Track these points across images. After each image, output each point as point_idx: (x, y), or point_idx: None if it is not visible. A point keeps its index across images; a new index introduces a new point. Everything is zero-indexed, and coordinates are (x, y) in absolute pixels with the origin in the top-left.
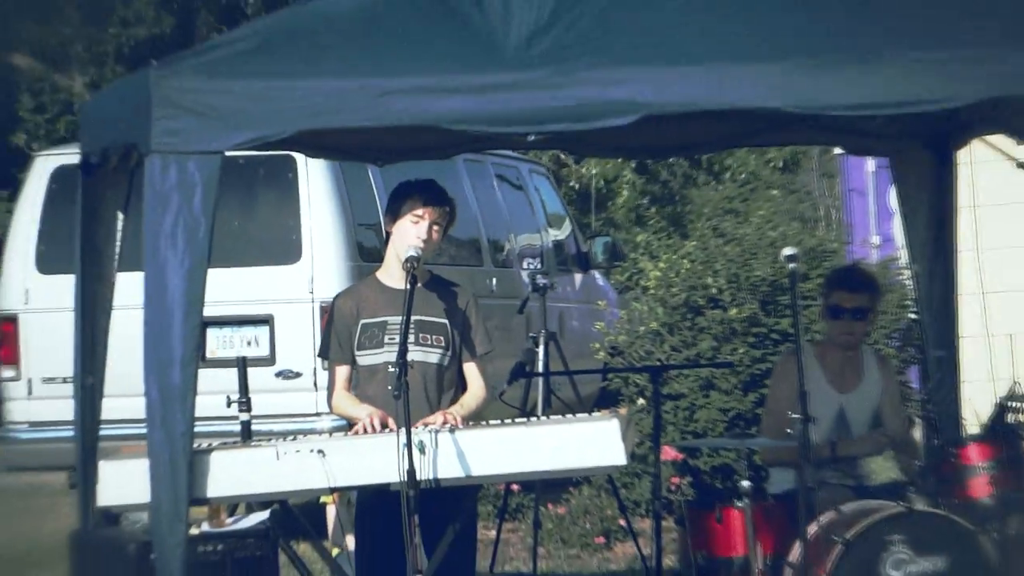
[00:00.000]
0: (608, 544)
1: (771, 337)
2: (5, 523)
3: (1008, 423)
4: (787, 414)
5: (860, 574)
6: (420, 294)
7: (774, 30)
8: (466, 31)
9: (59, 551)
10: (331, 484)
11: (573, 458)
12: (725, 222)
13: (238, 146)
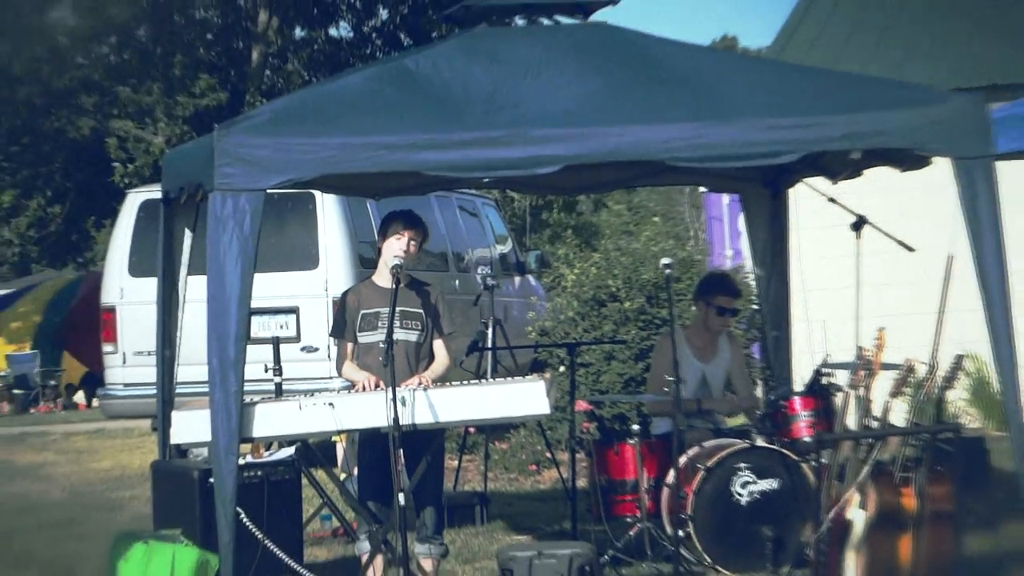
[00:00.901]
0: (538, 470)
1: (654, 322)
2: (108, 455)
3: (822, 384)
4: (664, 378)
5: (716, 491)
6: (403, 291)
7: (658, 103)
8: (437, 105)
9: (145, 475)
10: (339, 427)
11: (512, 408)
12: (621, 240)
13: (275, 186)
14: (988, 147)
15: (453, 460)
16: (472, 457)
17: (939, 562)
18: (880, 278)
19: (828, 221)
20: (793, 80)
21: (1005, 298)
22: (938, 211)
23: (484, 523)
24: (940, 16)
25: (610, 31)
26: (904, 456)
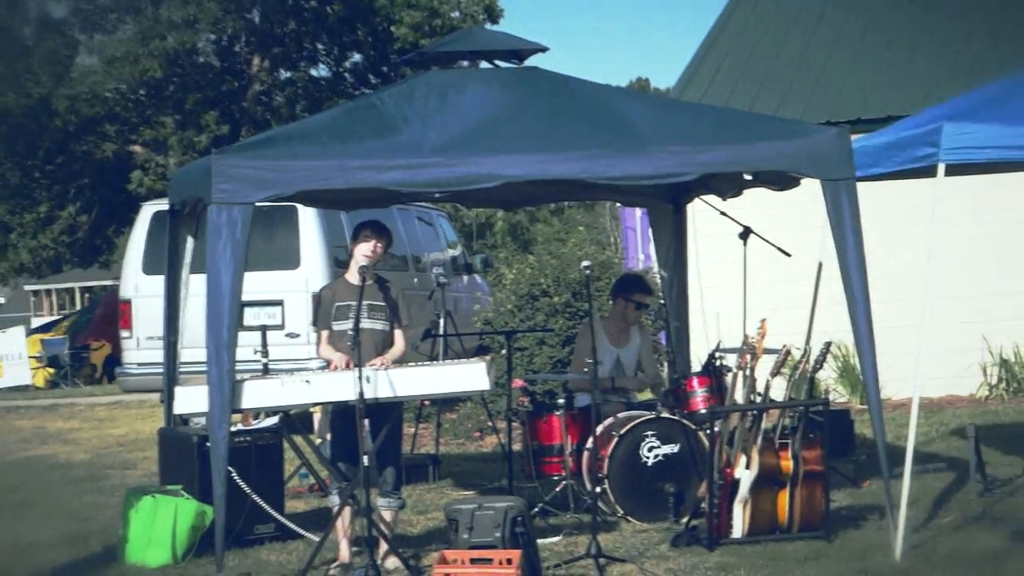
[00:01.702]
0: (482, 437)
1: (578, 314)
2: (124, 423)
3: (715, 365)
4: (585, 360)
5: (627, 455)
6: (370, 288)
7: (580, 132)
8: (397, 133)
9: (154, 440)
10: (314, 400)
11: (459, 384)
12: (552, 246)
13: (262, 200)
14: (850, 171)
15: (410, 428)
16: (426, 425)
17: (811, 513)
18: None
19: (720, 231)
20: (691, 115)
21: (865, 295)
22: (811, 223)
23: (436, 481)
24: (813, 60)
25: (540, 74)
26: (782, 425)
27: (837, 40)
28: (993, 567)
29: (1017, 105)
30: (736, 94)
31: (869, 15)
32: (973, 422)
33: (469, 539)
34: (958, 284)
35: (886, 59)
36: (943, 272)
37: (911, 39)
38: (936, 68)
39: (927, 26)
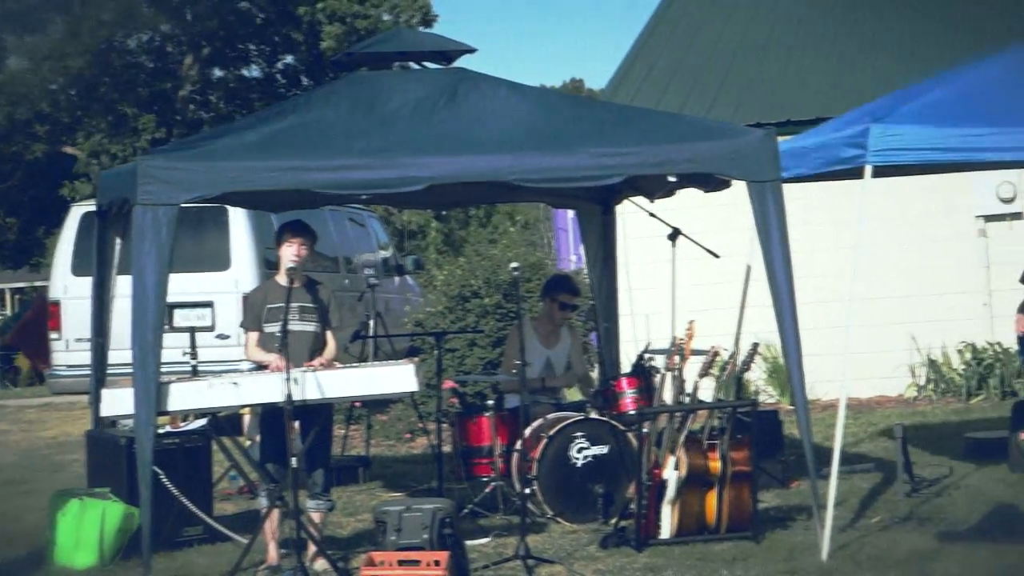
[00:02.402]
0: (412, 438)
1: (508, 315)
2: (53, 425)
3: (644, 366)
4: (514, 361)
5: (557, 456)
6: (300, 290)
7: (508, 134)
8: (325, 134)
9: (81, 442)
10: (241, 402)
11: (388, 386)
12: (482, 247)
13: (188, 201)
14: (776, 172)
15: (340, 429)
16: (357, 427)
17: (739, 514)
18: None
19: (649, 232)
20: (617, 117)
21: (791, 296)
22: (741, 225)
23: (366, 482)
24: (744, 62)
25: (468, 75)
26: (711, 426)
27: (768, 42)
28: (919, 567)
29: (944, 106)
30: (667, 96)
31: (799, 18)
32: (901, 422)
33: (397, 541)
34: (886, 285)
35: (816, 61)
36: (871, 273)
37: (841, 41)
38: (865, 70)
39: (857, 28)
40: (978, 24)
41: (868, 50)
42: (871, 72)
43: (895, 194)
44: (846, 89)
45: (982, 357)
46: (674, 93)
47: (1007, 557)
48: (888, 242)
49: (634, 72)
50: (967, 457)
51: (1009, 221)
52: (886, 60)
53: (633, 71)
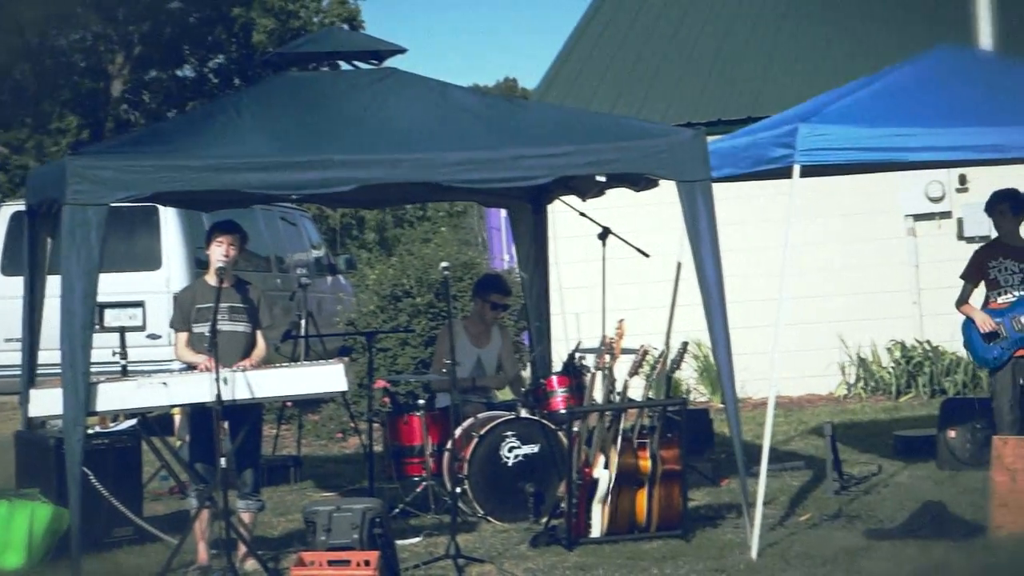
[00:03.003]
0: (344, 438)
1: (441, 315)
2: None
3: (575, 366)
4: (444, 360)
5: (488, 455)
6: (230, 290)
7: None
8: (255, 134)
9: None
10: (171, 402)
11: (317, 385)
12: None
13: (117, 201)
14: (706, 172)
15: (272, 429)
16: (289, 427)
17: (669, 512)
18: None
19: (580, 231)
20: (547, 117)
21: (721, 295)
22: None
23: (297, 482)
24: (674, 62)
25: (399, 75)
26: (641, 425)
27: (698, 42)
28: (847, 564)
29: (872, 106)
30: (598, 95)
31: (729, 19)
32: (830, 421)
33: (327, 541)
34: (816, 284)
35: (746, 61)
36: (801, 273)
37: (772, 41)
38: (795, 70)
39: (787, 29)
40: (907, 26)
41: (798, 51)
42: (801, 73)
43: (825, 193)
44: (776, 89)
45: (911, 355)
46: (605, 93)
47: (934, 554)
48: (818, 241)
49: (565, 72)
50: (896, 455)
51: (938, 220)
52: (816, 61)
53: (564, 71)
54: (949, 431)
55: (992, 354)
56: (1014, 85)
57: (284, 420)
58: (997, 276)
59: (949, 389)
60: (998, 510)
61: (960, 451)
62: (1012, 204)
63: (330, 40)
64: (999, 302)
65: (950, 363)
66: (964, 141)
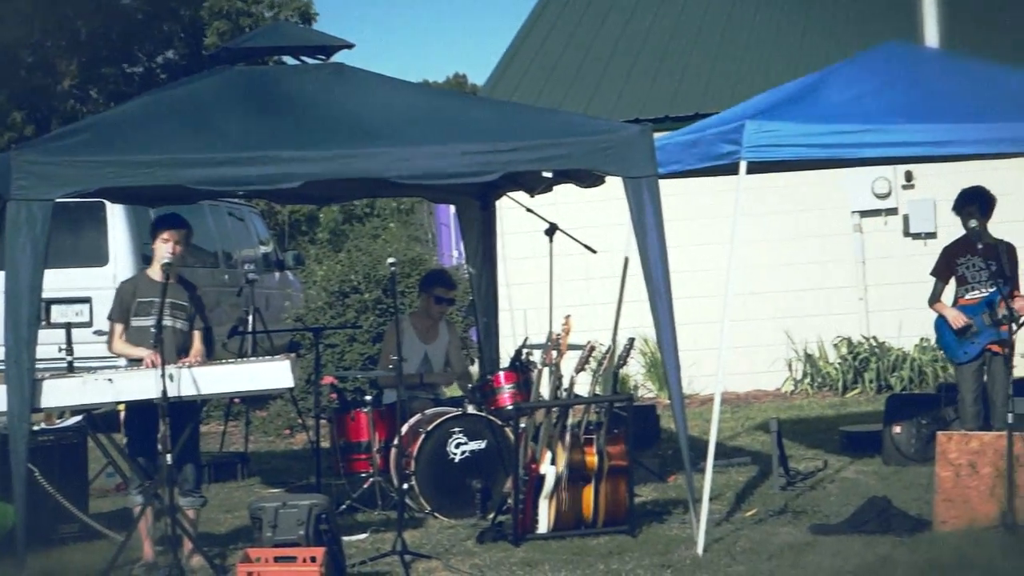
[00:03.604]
0: (291, 434)
1: (388, 311)
2: None
3: (522, 362)
4: (391, 356)
5: (435, 451)
6: (173, 287)
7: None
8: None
9: None
10: (116, 399)
11: (264, 382)
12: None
13: (62, 196)
14: (653, 168)
15: (219, 425)
16: (236, 423)
17: (616, 508)
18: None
19: (528, 227)
20: (494, 113)
21: (667, 291)
22: (619, 220)
23: (244, 479)
24: (622, 58)
25: (346, 71)
26: (588, 421)
27: (646, 39)
28: (792, 559)
29: (818, 102)
30: (546, 91)
31: (677, 14)
32: (776, 416)
33: (273, 537)
34: (763, 280)
35: (694, 58)
36: (748, 269)
37: (720, 37)
38: (743, 67)
39: (736, 25)
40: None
41: (746, 47)
42: (748, 69)
43: (772, 189)
44: (724, 86)
45: (858, 351)
46: (553, 89)
47: (879, 549)
48: (765, 237)
49: (514, 68)
50: (842, 450)
51: (884, 217)
52: (764, 57)
53: (513, 67)
54: (894, 427)
55: (964, 349)
56: (960, 82)
57: (232, 416)
58: (965, 273)
59: (895, 385)
60: (942, 505)
61: (905, 447)
62: (980, 205)
63: (277, 35)
64: (968, 298)
65: (896, 359)
66: (910, 138)
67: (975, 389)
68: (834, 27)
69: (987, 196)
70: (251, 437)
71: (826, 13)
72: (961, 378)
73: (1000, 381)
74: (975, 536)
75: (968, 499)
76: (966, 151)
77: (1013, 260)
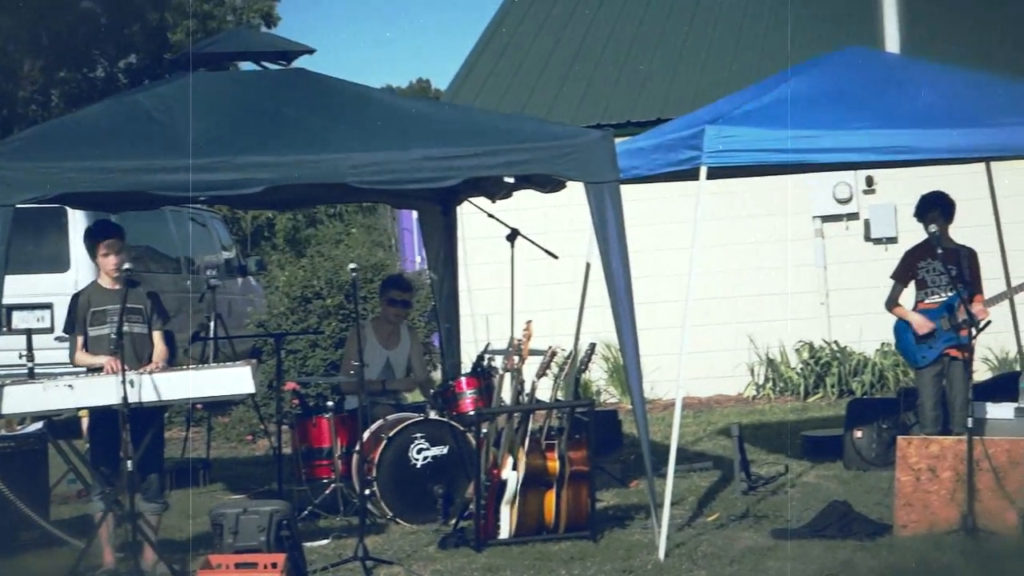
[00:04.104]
0: (254, 440)
1: (351, 316)
2: None
3: (484, 367)
4: (353, 362)
5: (396, 457)
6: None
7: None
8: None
9: None
10: (77, 405)
11: (225, 387)
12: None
13: (23, 202)
14: (614, 173)
15: (181, 431)
16: (198, 429)
17: (577, 513)
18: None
19: (490, 233)
20: (460, 118)
21: (629, 296)
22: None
23: (206, 485)
24: (584, 63)
25: (307, 76)
26: (549, 426)
27: (608, 43)
28: (754, 564)
29: (779, 108)
30: (508, 96)
31: (639, 20)
32: (738, 421)
33: (234, 543)
34: (724, 285)
35: (656, 63)
36: (710, 274)
37: (682, 43)
38: (704, 72)
39: (697, 30)
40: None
41: (707, 52)
42: (710, 74)
43: (734, 195)
44: (685, 91)
45: (819, 356)
46: (515, 94)
47: (840, 553)
48: (727, 242)
49: (476, 73)
50: (803, 455)
51: (845, 222)
52: (725, 62)
53: (475, 72)
54: (855, 431)
55: (922, 353)
56: (920, 87)
57: (194, 422)
58: (925, 277)
59: (856, 389)
60: (902, 509)
61: (866, 451)
62: (942, 210)
63: (238, 40)
64: (927, 303)
65: (858, 363)
66: (871, 143)
67: (934, 394)
68: (795, 32)
69: (948, 201)
70: (213, 443)
71: (787, 18)
72: (920, 382)
73: (959, 386)
74: (935, 540)
75: (928, 503)
76: (926, 157)
77: (974, 265)
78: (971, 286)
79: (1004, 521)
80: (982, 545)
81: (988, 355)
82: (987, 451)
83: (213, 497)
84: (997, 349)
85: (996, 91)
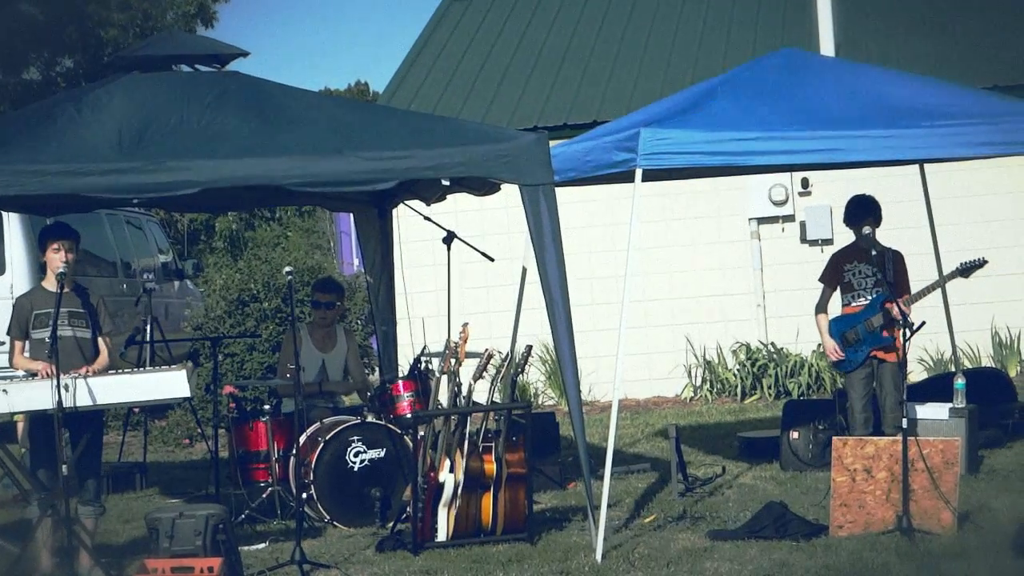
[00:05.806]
0: (191, 444)
1: (288, 319)
2: None
3: (421, 370)
4: (289, 366)
5: (334, 460)
6: (70, 295)
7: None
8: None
9: None
10: (11, 410)
11: (161, 391)
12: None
13: None
14: (549, 175)
15: (118, 435)
16: (135, 433)
17: (515, 516)
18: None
19: (426, 235)
20: (390, 121)
21: (565, 298)
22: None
23: (143, 489)
24: (521, 66)
25: (241, 78)
26: (486, 429)
27: (544, 47)
28: (690, 565)
29: (714, 110)
30: (445, 99)
31: (574, 23)
32: (675, 423)
33: (170, 548)
34: (661, 287)
35: (592, 66)
36: (646, 276)
37: (618, 45)
38: (640, 75)
39: (633, 33)
40: (750, 29)
41: (643, 55)
42: (645, 76)
43: (670, 196)
44: (621, 93)
45: (756, 358)
46: (451, 97)
47: (776, 554)
48: (663, 244)
49: (412, 76)
50: (740, 456)
51: (781, 224)
52: (660, 65)
53: (412, 75)
54: (792, 432)
55: (848, 358)
56: (854, 89)
57: (131, 426)
58: (852, 280)
59: (793, 391)
60: (838, 510)
61: (802, 452)
62: (870, 213)
63: (172, 43)
64: (853, 306)
65: (794, 365)
66: (805, 146)
67: (863, 396)
68: (731, 35)
69: (874, 204)
70: (150, 447)
71: (723, 20)
72: (849, 385)
73: (888, 387)
74: (871, 540)
75: (864, 503)
76: (860, 159)
77: (900, 267)
78: (898, 288)
79: (939, 521)
80: (917, 545)
81: (924, 356)
82: (922, 451)
83: (149, 501)
84: (933, 350)
85: (930, 93)
